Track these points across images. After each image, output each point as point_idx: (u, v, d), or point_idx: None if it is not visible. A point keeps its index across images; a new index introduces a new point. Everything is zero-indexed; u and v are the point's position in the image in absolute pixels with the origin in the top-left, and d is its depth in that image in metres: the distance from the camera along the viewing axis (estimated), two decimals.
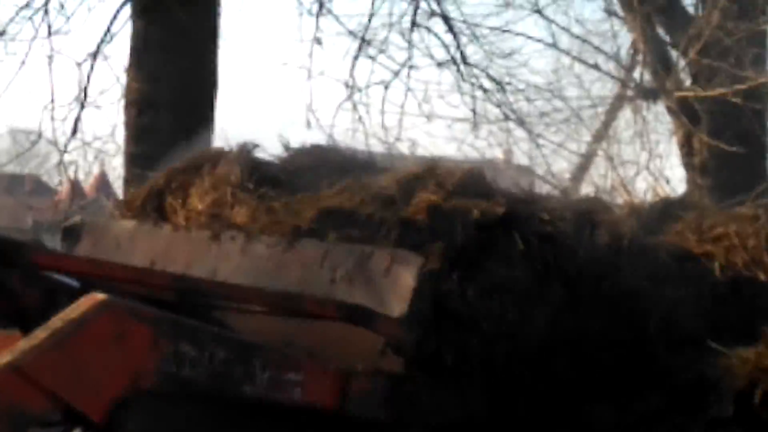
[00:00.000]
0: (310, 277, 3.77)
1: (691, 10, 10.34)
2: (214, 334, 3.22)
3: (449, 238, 3.70)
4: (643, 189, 9.58)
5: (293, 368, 3.32)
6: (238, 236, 3.95)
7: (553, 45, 11.23)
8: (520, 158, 11.79)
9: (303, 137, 6.43)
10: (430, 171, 4.10)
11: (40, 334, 2.73)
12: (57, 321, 2.75)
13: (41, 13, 11.34)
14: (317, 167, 4.41)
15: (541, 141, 11.31)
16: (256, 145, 4.54)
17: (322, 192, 4.06)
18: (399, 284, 3.55)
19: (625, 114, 11.69)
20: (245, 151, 4.47)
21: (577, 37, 11.42)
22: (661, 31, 10.53)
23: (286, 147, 4.63)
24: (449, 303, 3.59)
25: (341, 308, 3.53)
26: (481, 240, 3.79)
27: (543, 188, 9.51)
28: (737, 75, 9.05)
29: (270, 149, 4.84)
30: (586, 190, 10.66)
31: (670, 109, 10.18)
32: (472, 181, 4.10)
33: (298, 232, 3.88)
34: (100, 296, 2.82)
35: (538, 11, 10.95)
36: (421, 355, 3.56)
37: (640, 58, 10.70)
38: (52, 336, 2.72)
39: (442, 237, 3.71)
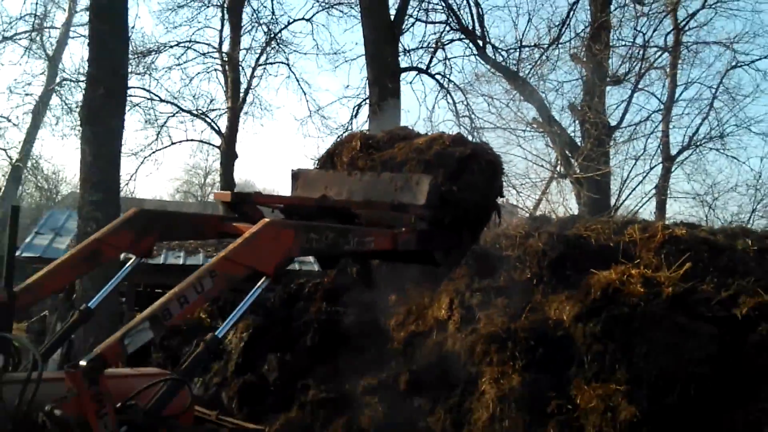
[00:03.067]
0: (385, 189, 6.05)
1: (578, 141, 21.14)
2: (328, 227, 5.21)
3: (446, 166, 6.13)
4: (562, 213, 18.89)
5: (368, 235, 5.46)
6: (358, 173, 6.36)
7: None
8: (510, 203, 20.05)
9: None
10: (440, 136, 6.56)
11: (238, 240, 4.60)
12: (247, 233, 4.60)
13: None
14: (393, 138, 6.79)
15: (520, 196, 20.91)
16: (368, 131, 7.74)
17: (395, 149, 6.56)
18: (421, 189, 5.86)
19: (553, 184, 21.82)
20: (363, 134, 7.23)
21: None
22: (567, 152, 21.03)
23: (383, 131, 7.16)
24: (446, 195, 5.95)
25: (392, 205, 5.87)
26: (460, 166, 6.18)
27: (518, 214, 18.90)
28: (597, 168, 19.30)
29: None
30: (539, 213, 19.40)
31: (572, 182, 20.39)
32: (458, 140, 6.54)
33: (383, 168, 6.39)
34: (267, 219, 4.78)
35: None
36: (434, 220, 5.89)
37: (561, 162, 21.46)
38: (243, 240, 4.56)
39: (443, 166, 6.12)
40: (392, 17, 18.45)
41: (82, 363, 3.74)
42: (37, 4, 29.42)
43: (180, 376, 4.22)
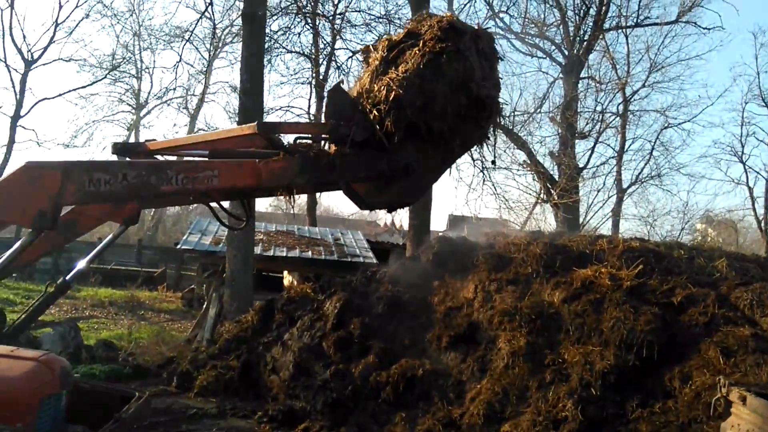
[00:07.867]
0: None
1: (557, 177, 22.11)
2: (124, 163, 3.24)
3: (377, 65, 3.65)
4: (543, 228, 19.63)
5: (207, 168, 3.13)
6: None
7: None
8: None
9: None
10: None
11: None
12: None
13: None
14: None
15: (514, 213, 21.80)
16: None
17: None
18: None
19: (538, 208, 22.99)
20: None
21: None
22: (548, 185, 22.01)
23: None
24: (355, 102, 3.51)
25: (251, 135, 3.50)
26: (394, 58, 3.58)
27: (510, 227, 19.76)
28: (570, 196, 18.84)
29: None
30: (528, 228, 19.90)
31: (551, 206, 21.41)
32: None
33: None
34: (28, 161, 2.87)
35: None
36: (336, 139, 3.34)
37: (543, 192, 22.26)
38: None
39: (375, 68, 3.65)
40: None
41: None
42: (188, 79, 32.87)
43: None
